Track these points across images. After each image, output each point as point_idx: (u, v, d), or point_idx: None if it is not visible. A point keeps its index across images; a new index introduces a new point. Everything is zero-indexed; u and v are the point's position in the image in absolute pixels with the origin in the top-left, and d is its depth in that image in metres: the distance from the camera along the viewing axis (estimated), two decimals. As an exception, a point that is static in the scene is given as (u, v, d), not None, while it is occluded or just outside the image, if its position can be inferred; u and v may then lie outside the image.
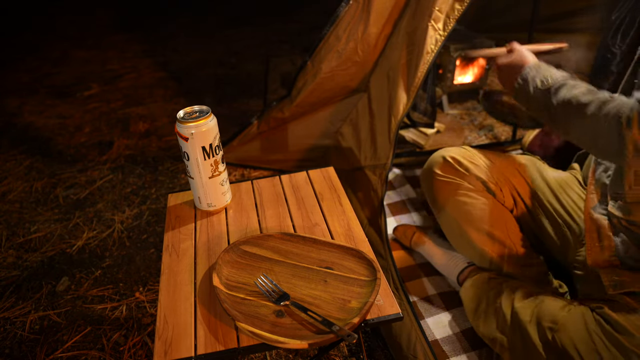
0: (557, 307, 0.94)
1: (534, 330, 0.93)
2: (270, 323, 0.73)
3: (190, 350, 0.71)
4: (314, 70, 1.58)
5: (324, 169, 1.14)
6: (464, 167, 1.19)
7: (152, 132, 2.44)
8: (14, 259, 1.61)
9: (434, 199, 1.24)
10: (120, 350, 1.25)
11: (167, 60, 3.46)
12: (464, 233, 1.17)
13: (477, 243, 1.15)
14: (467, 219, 1.16)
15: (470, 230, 1.15)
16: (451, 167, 1.19)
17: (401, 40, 1.40)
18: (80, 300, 1.43)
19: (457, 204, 1.18)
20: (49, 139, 2.42)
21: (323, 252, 0.86)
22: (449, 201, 1.19)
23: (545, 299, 0.97)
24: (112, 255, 1.60)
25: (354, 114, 1.69)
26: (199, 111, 0.91)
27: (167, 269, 0.87)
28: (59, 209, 1.86)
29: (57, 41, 3.99)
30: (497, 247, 1.12)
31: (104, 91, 2.98)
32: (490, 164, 1.20)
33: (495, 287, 1.05)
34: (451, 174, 1.19)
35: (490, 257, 1.12)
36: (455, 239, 1.22)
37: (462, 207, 1.17)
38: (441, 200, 1.21)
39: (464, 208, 1.17)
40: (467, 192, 1.17)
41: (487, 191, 1.17)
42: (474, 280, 1.13)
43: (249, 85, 2.98)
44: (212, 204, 1.00)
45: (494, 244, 1.12)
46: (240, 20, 4.34)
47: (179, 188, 1.96)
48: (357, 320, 0.71)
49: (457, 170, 1.19)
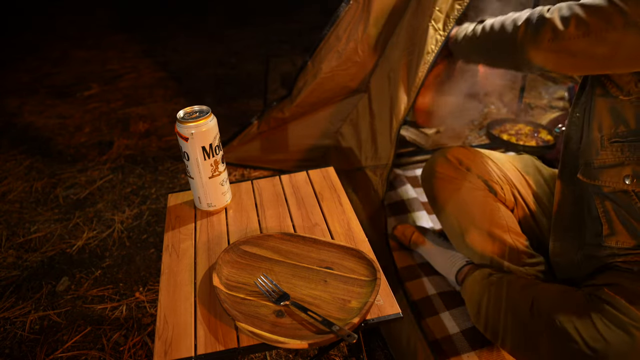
0: (556, 291, 0.97)
1: (535, 316, 0.94)
2: (270, 323, 0.73)
3: (190, 350, 0.71)
4: (315, 71, 1.58)
5: (324, 169, 1.14)
6: (465, 165, 1.19)
7: (152, 132, 2.44)
8: (14, 259, 1.61)
9: (434, 198, 1.24)
10: (120, 350, 1.25)
11: (167, 60, 3.46)
12: (464, 232, 1.17)
13: (478, 242, 1.15)
14: (468, 218, 1.16)
15: (471, 229, 1.15)
16: (452, 166, 1.20)
17: (402, 40, 1.40)
18: (80, 300, 1.43)
19: (458, 202, 1.18)
20: (49, 139, 2.42)
21: (323, 252, 0.86)
22: (450, 200, 1.19)
23: (544, 286, 1.00)
24: (112, 255, 1.60)
25: (355, 114, 1.69)
26: (199, 111, 0.91)
27: (167, 269, 0.87)
28: (59, 209, 1.86)
29: (57, 41, 3.99)
30: (498, 246, 1.12)
31: (104, 91, 2.98)
32: (491, 163, 1.20)
33: (496, 282, 1.06)
34: (452, 172, 1.19)
35: (491, 256, 1.12)
36: (456, 238, 1.22)
37: (463, 206, 1.17)
38: (442, 200, 1.21)
39: (465, 207, 1.17)
40: (468, 191, 1.17)
41: (489, 190, 1.17)
42: (474, 277, 1.13)
43: (249, 85, 2.98)
44: (212, 204, 1.00)
45: (495, 243, 1.12)
46: (240, 20, 4.34)
47: (179, 188, 1.96)
48: (357, 320, 0.71)
49: (458, 169, 1.19)
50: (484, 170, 1.19)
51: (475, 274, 1.13)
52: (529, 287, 1.01)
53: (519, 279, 1.05)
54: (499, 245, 1.12)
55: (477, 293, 1.09)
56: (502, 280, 1.05)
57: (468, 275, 1.17)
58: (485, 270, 1.12)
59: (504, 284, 1.04)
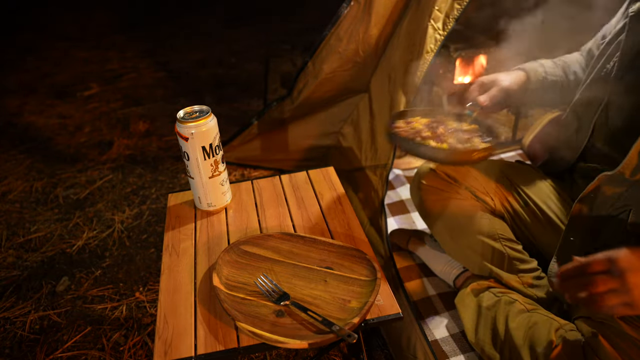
0: (550, 330, 0.94)
1: (527, 355, 0.93)
2: (270, 323, 0.73)
3: (190, 350, 0.71)
4: (315, 71, 1.58)
5: (324, 169, 1.14)
6: (452, 177, 1.18)
7: (152, 132, 2.44)
8: (14, 259, 1.61)
9: (423, 210, 1.23)
10: (120, 350, 1.25)
11: (167, 60, 3.46)
12: (456, 243, 1.17)
13: (469, 252, 1.14)
14: (458, 229, 1.16)
15: (462, 239, 1.15)
16: (438, 177, 1.18)
17: (402, 40, 1.40)
18: (80, 300, 1.43)
19: (446, 214, 1.17)
20: (49, 139, 2.42)
21: (323, 252, 0.86)
22: (439, 212, 1.18)
23: (538, 321, 0.97)
24: (112, 255, 1.60)
25: (355, 115, 1.69)
26: (199, 111, 0.91)
27: (167, 269, 0.87)
28: (59, 209, 1.86)
29: (57, 41, 3.99)
30: (489, 254, 1.12)
31: (104, 91, 2.98)
32: (478, 172, 1.19)
33: (490, 301, 1.05)
34: (439, 184, 1.18)
35: (484, 265, 1.12)
36: (448, 248, 1.22)
37: (452, 218, 1.16)
38: (431, 211, 1.20)
39: (454, 218, 1.16)
40: (456, 202, 1.16)
41: (477, 200, 1.16)
42: (466, 294, 1.13)
43: (249, 85, 2.98)
44: (212, 203, 1.00)
45: (486, 252, 1.12)
46: (240, 20, 4.34)
47: (179, 188, 1.96)
48: (357, 320, 0.71)
49: (444, 180, 1.18)
50: (471, 180, 1.17)
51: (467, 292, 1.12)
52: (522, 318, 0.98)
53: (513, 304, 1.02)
54: (491, 254, 1.11)
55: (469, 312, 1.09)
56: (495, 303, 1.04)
57: (463, 287, 1.16)
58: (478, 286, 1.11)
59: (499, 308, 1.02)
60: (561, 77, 1.13)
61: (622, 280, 0.65)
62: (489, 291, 1.08)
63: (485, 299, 1.07)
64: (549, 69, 1.13)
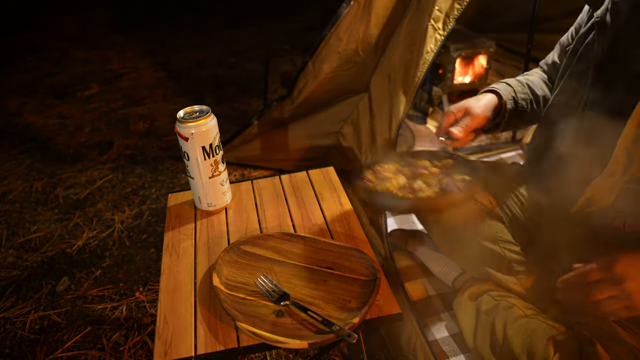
0: (548, 338, 0.93)
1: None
2: (270, 323, 0.73)
3: (190, 350, 0.71)
4: (315, 71, 1.58)
5: (324, 169, 1.14)
6: None
7: (152, 132, 2.44)
8: (14, 259, 1.61)
9: (420, 216, 1.23)
10: (120, 350, 1.25)
11: (167, 60, 3.46)
12: (454, 245, 1.17)
13: (467, 255, 1.14)
14: (455, 232, 1.15)
15: (459, 242, 1.15)
16: None
17: (402, 40, 1.40)
18: (80, 300, 1.43)
19: (443, 219, 1.17)
20: (49, 139, 2.42)
21: (323, 252, 0.86)
22: (435, 217, 1.18)
23: (537, 329, 0.96)
24: (112, 255, 1.60)
25: (355, 115, 1.69)
26: (199, 111, 0.91)
27: (167, 269, 0.87)
28: (59, 209, 1.86)
29: (57, 41, 3.99)
30: (488, 257, 1.11)
31: (104, 91, 2.98)
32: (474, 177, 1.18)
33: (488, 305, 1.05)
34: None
35: (482, 268, 1.12)
36: (446, 251, 1.22)
37: (449, 222, 1.16)
38: (427, 217, 1.21)
39: (451, 223, 1.16)
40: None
41: (474, 202, 1.16)
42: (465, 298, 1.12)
43: (249, 85, 2.98)
44: (212, 203, 1.00)
45: (484, 254, 1.11)
46: (240, 20, 4.34)
47: (179, 188, 1.96)
48: (357, 320, 0.71)
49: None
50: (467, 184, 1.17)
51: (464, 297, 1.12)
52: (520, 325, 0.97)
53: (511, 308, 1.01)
54: (489, 256, 1.11)
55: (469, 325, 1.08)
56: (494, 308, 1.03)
57: (462, 290, 1.16)
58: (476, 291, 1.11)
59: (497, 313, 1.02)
60: (529, 95, 1.11)
61: (621, 287, 0.66)
62: (488, 294, 1.08)
63: (483, 302, 1.07)
64: (516, 87, 1.10)
